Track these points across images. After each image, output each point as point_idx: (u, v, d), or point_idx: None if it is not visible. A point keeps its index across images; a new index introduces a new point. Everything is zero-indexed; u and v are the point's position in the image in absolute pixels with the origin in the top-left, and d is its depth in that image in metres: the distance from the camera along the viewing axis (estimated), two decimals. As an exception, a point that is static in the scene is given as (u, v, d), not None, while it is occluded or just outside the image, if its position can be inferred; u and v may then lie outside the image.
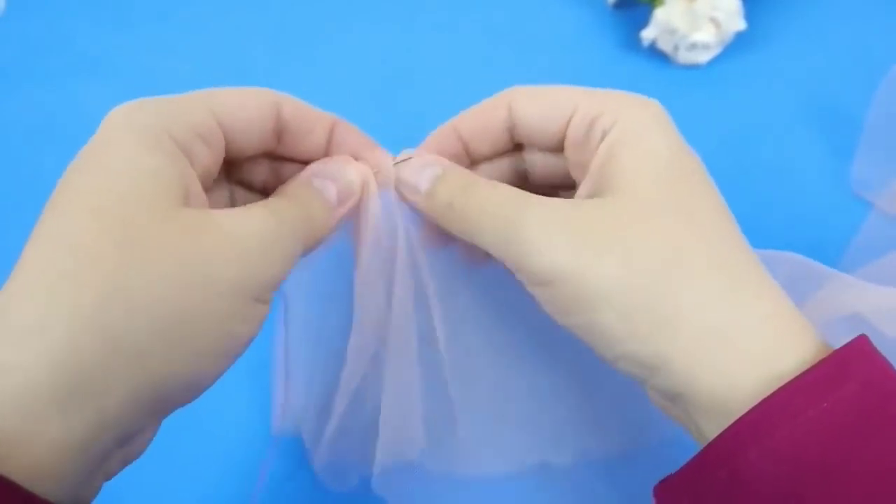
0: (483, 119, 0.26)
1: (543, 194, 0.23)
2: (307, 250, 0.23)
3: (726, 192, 0.42)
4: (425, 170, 0.25)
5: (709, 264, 0.21)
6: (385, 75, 0.45)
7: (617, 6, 0.47)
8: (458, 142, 0.26)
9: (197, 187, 0.22)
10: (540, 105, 0.25)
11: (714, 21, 0.42)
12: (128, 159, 0.20)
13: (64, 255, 0.18)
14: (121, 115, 0.22)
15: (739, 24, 0.43)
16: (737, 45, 0.44)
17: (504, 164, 0.27)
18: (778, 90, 0.44)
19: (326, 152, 0.25)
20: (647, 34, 0.44)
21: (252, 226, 0.21)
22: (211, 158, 0.23)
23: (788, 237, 0.39)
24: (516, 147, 0.27)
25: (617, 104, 0.23)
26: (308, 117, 0.25)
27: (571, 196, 0.24)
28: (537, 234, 0.21)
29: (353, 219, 0.25)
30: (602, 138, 0.23)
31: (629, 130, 0.23)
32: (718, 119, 0.43)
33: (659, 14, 0.43)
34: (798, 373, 0.20)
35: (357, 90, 0.45)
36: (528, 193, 0.23)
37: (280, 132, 0.24)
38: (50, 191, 0.44)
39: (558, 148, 0.25)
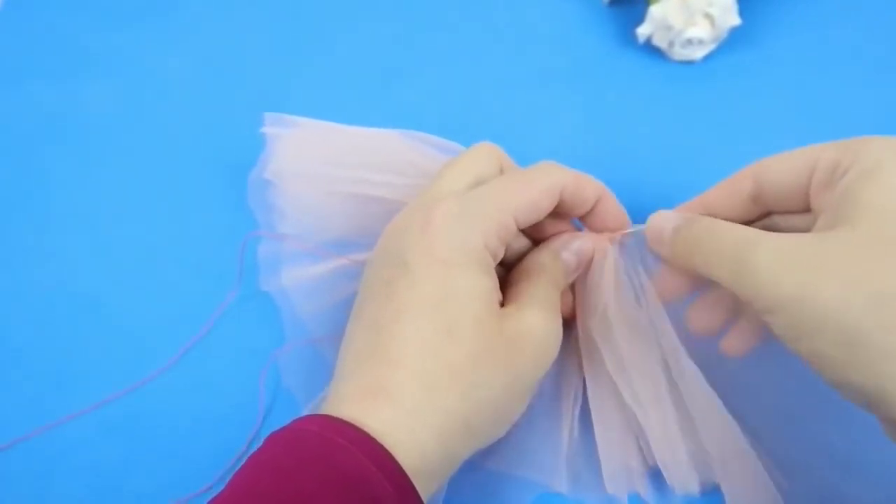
0: (729, 191, 0.29)
1: None
2: None
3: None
4: (668, 221, 0.29)
5: None
6: (382, 71, 0.45)
7: (612, 3, 0.48)
8: (703, 210, 0.30)
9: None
10: (784, 166, 0.27)
11: (709, 17, 0.43)
12: (469, 284, 0.26)
13: (432, 363, 0.25)
14: (448, 228, 0.27)
15: (733, 20, 0.43)
16: (731, 41, 0.44)
17: None
18: (773, 85, 0.44)
19: (587, 217, 0.31)
20: (643, 30, 0.44)
21: (549, 333, 0.28)
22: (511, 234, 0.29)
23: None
24: (760, 216, 0.29)
25: (857, 145, 0.25)
26: (584, 192, 0.30)
27: None
28: (765, 265, 0.23)
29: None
30: (842, 177, 0.24)
31: (867, 166, 0.23)
32: (714, 114, 0.43)
33: (654, 10, 0.43)
34: None
35: (355, 86, 0.45)
36: (761, 231, 0.25)
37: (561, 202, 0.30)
38: (50, 189, 0.44)
39: (805, 208, 0.27)
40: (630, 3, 0.47)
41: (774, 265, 0.23)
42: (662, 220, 0.29)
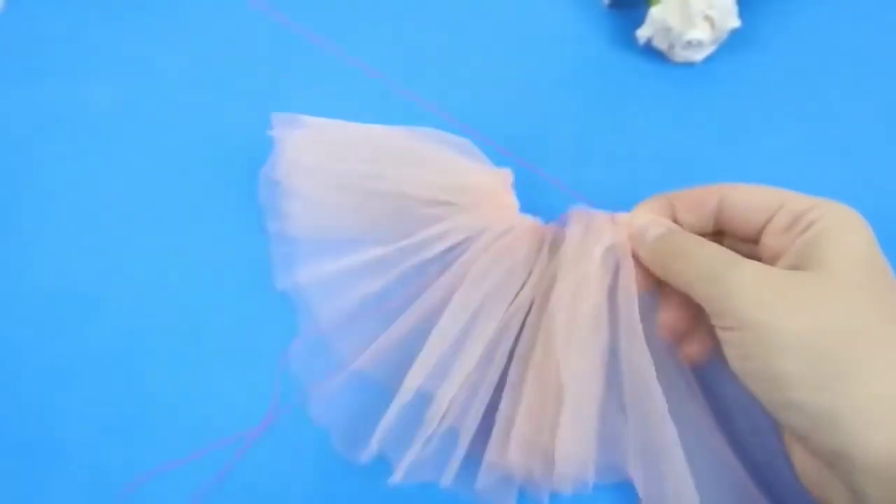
0: (697, 198, 0.31)
1: None
2: None
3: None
4: (652, 228, 0.30)
5: (892, 341, 0.24)
6: (382, 71, 0.45)
7: (612, 5, 0.48)
8: (670, 210, 0.31)
9: None
10: (751, 198, 0.29)
11: (708, 19, 0.43)
12: None
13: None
14: None
15: (734, 22, 0.43)
16: (731, 43, 0.45)
17: None
18: (773, 87, 0.44)
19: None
20: (643, 32, 0.44)
21: None
22: None
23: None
24: (716, 233, 0.31)
25: (824, 204, 0.27)
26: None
27: None
28: (742, 285, 0.26)
29: None
30: (807, 228, 0.27)
31: (835, 225, 0.27)
32: (714, 116, 0.43)
33: (654, 12, 0.43)
34: None
35: (355, 84, 0.45)
36: (736, 255, 0.27)
37: None
38: (51, 188, 0.44)
39: (753, 238, 0.30)
40: (630, 6, 0.47)
41: (751, 288, 0.26)
42: (645, 223, 0.31)
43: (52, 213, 0.40)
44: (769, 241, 0.29)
